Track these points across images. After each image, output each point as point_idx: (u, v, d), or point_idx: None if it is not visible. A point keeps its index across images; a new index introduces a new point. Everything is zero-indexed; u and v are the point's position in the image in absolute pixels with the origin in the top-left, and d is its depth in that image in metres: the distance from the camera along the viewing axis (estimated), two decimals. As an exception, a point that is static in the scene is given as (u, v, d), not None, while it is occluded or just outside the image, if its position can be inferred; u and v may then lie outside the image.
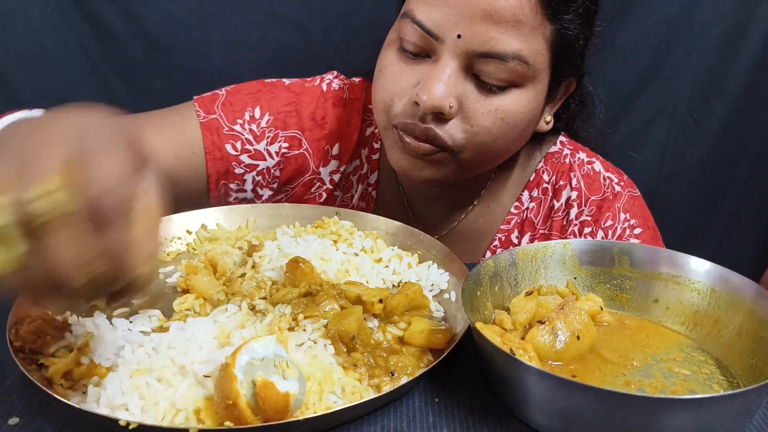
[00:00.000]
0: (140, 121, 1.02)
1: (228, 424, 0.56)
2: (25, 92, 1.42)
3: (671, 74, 1.49)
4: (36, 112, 0.80)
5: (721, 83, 1.50)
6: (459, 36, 0.83)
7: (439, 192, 1.08)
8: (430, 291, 0.82)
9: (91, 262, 0.46)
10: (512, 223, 1.09)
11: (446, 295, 0.81)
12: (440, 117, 0.87)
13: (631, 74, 1.50)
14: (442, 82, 0.85)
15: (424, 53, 0.88)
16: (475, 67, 0.86)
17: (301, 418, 0.57)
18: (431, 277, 0.83)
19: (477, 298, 0.72)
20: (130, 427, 0.55)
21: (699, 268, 0.76)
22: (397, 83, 0.90)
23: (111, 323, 0.70)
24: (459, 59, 0.85)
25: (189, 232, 0.91)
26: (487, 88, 0.87)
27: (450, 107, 0.86)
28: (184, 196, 1.01)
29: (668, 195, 1.60)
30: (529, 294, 0.74)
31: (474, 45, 0.84)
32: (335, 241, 0.88)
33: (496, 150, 0.92)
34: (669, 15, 1.44)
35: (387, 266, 0.85)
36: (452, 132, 0.88)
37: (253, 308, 0.73)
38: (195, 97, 1.06)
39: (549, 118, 1.00)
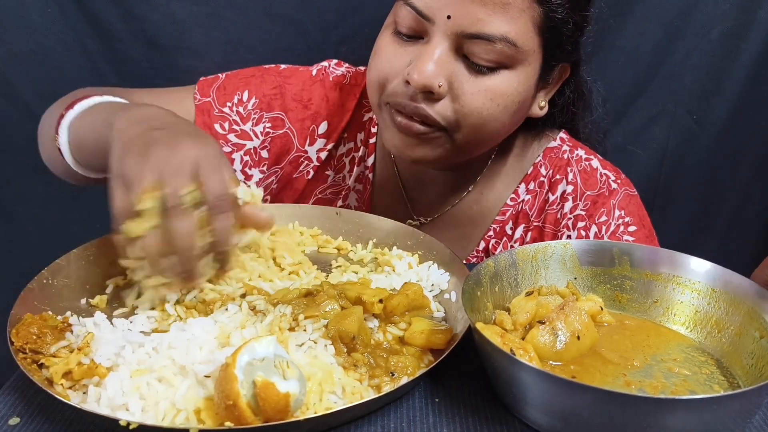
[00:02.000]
0: (143, 95, 1.07)
1: (228, 424, 0.56)
2: (25, 92, 1.42)
3: (671, 74, 1.49)
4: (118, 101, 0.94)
5: (721, 83, 1.50)
6: (449, 17, 0.86)
7: (433, 176, 1.09)
8: (431, 291, 0.82)
9: (204, 234, 0.69)
10: (507, 214, 1.10)
11: (446, 296, 0.81)
12: (430, 96, 0.89)
13: (631, 74, 1.50)
14: (433, 62, 0.87)
15: (417, 35, 0.91)
16: (465, 48, 0.88)
17: (301, 418, 0.58)
18: (431, 278, 0.83)
19: (477, 299, 0.72)
20: (131, 427, 0.55)
21: (699, 268, 0.75)
22: (391, 64, 0.92)
23: (111, 323, 0.70)
24: (449, 40, 0.87)
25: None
26: (476, 68, 0.89)
27: (439, 86, 0.88)
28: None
29: (668, 195, 1.60)
30: (529, 294, 0.74)
31: (463, 26, 0.86)
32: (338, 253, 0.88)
33: (487, 132, 0.94)
34: (669, 15, 1.44)
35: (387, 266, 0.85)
36: (442, 111, 0.90)
37: (253, 308, 0.73)
38: (201, 78, 1.10)
39: (543, 103, 1.01)
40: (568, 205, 1.05)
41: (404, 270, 0.84)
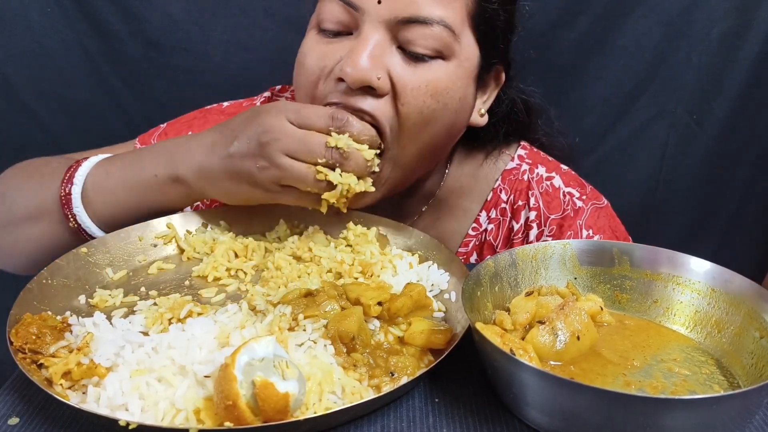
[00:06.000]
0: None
1: (228, 424, 0.56)
2: (25, 92, 1.42)
3: (671, 74, 1.49)
4: None
5: (721, 83, 1.50)
6: (379, 2, 0.81)
7: (377, 204, 0.97)
8: (431, 291, 0.82)
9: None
10: (470, 245, 1.06)
11: (446, 296, 0.81)
12: (370, 92, 0.83)
13: (631, 74, 1.50)
14: (367, 53, 0.81)
15: (346, 31, 0.85)
16: (400, 37, 0.83)
17: (301, 418, 0.57)
18: (431, 278, 0.83)
19: (477, 299, 0.72)
20: (130, 427, 0.55)
21: (699, 268, 0.75)
22: (318, 65, 0.86)
23: (111, 323, 0.70)
24: (382, 28, 0.82)
25: (189, 232, 0.91)
26: (413, 57, 0.84)
27: (378, 78, 0.82)
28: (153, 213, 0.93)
29: (668, 195, 1.60)
30: (529, 294, 0.74)
31: (396, 10, 0.81)
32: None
33: (430, 136, 0.88)
34: (669, 15, 1.45)
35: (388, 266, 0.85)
36: (384, 109, 0.84)
37: (253, 308, 0.73)
38: (138, 137, 1.09)
39: (483, 110, 0.97)
40: (533, 232, 1.02)
41: (404, 270, 0.84)
